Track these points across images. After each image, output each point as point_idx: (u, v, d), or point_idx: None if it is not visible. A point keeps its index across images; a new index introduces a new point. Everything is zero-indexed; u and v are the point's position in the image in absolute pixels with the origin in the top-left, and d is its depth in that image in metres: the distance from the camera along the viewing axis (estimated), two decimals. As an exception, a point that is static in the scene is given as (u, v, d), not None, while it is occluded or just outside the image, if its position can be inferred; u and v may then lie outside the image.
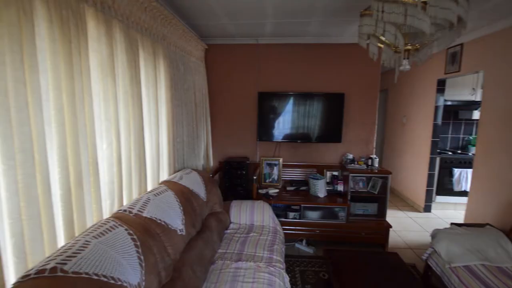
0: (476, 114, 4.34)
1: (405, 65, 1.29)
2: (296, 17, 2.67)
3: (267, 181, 3.58)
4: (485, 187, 2.97)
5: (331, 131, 3.44)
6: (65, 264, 0.94)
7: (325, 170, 3.49)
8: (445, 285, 2.01)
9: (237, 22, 2.86)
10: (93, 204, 1.39)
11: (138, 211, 1.53)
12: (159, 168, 2.14)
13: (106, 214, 1.50)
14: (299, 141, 3.50)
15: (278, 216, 3.05)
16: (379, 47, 1.32)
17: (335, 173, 3.44)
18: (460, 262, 1.99)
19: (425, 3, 1.01)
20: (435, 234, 2.28)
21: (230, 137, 3.69)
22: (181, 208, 1.87)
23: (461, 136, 4.88)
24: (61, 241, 1.19)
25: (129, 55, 1.64)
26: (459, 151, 4.66)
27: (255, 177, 3.08)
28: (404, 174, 4.79)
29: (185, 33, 2.67)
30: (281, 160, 3.57)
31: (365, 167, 3.17)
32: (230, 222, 2.65)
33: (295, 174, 3.66)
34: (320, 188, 3.14)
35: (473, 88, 4.24)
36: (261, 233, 2.44)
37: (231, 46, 3.54)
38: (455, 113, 4.78)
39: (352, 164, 3.22)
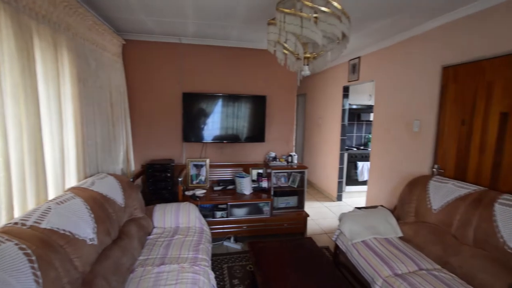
0: (372, 116, 5.22)
1: (306, 70, 1.49)
2: (218, 20, 2.74)
3: (194, 182, 3.54)
4: (379, 176, 3.60)
5: (256, 131, 3.63)
6: None
7: (250, 169, 3.66)
8: (349, 259, 2.37)
9: (156, 19, 2.76)
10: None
11: (35, 222, 1.33)
12: (64, 174, 1.90)
13: (-11, 230, 1.26)
14: (225, 141, 3.57)
15: (205, 216, 3.05)
16: (285, 54, 1.49)
17: (260, 171, 3.65)
18: (359, 238, 2.37)
19: (316, 18, 1.20)
20: (341, 217, 2.65)
21: (153, 139, 3.51)
22: (92, 216, 1.71)
23: (363, 134, 5.78)
24: None
25: (18, 42, 1.42)
26: (362, 147, 5.51)
27: (180, 179, 3.01)
28: (320, 169, 5.39)
29: (97, 25, 2.44)
30: (208, 160, 3.58)
31: (286, 163, 3.46)
32: (154, 227, 2.53)
33: (223, 174, 3.72)
34: (246, 186, 3.28)
35: (370, 95, 5.09)
36: (186, 234, 2.41)
37: (153, 44, 3.38)
38: (358, 115, 5.64)
39: (274, 162, 3.47)
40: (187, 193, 3.27)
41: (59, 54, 1.86)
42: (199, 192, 3.27)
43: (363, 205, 4.10)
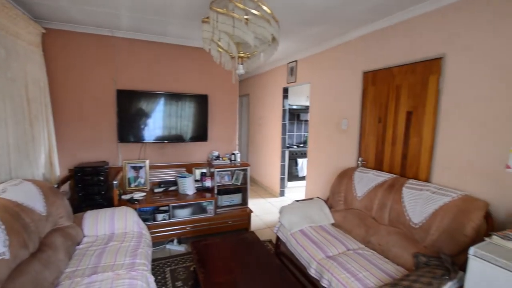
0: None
1: (240, 69, 1.56)
2: (155, 15, 2.64)
3: (132, 185, 3.33)
4: (315, 171, 3.91)
5: (198, 131, 3.58)
6: None
7: (193, 168, 3.61)
8: (288, 248, 2.53)
9: (81, 8, 2.51)
10: None
11: None
12: (-37, 181, 1.60)
13: None
14: (166, 141, 3.45)
15: (146, 220, 2.91)
16: (220, 52, 1.54)
17: (204, 170, 3.62)
18: (297, 228, 2.55)
19: (247, 19, 1.28)
20: (281, 210, 2.81)
21: (83, 139, 3.18)
22: (3, 227, 1.48)
23: (303, 133, 6.20)
24: None
25: None
26: (302, 145, 5.90)
27: (115, 182, 2.80)
28: (264, 166, 5.59)
29: (7, 8, 2.12)
30: (148, 161, 3.40)
31: (229, 162, 3.50)
32: (84, 236, 2.31)
33: (165, 175, 3.58)
34: (189, 186, 3.22)
35: (307, 96, 5.48)
36: (123, 240, 2.26)
37: (81, 35, 3.07)
38: (298, 115, 6.02)
39: (217, 161, 3.49)
40: (124, 197, 3.06)
41: (-47, 39, 1.56)
42: (138, 195, 3.09)
43: (303, 198, 4.41)
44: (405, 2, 2.25)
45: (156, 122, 3.37)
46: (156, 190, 3.30)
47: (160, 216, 3.01)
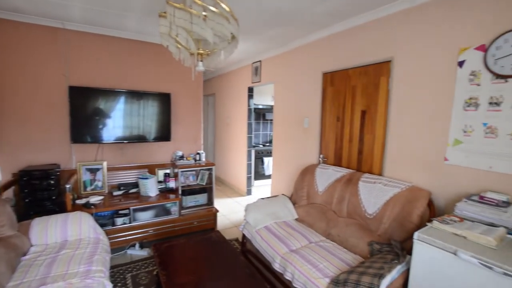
0: (275, 115, 5.76)
1: (200, 66, 1.55)
2: (111, 8, 2.50)
3: (88, 189, 3.11)
4: (280, 169, 4.01)
5: (162, 130, 3.46)
6: None
7: (156, 169, 3.48)
8: (254, 245, 2.56)
9: (26, -4, 2.30)
10: None
11: None
12: None
13: None
14: (126, 141, 3.28)
15: (104, 225, 2.75)
16: (178, 48, 1.51)
17: (167, 171, 3.51)
18: (261, 225, 2.59)
19: (206, 16, 1.27)
20: (247, 208, 2.83)
21: (29, 141, 2.90)
22: None
23: (268, 132, 6.30)
24: None
25: None
26: (268, 144, 6.00)
27: (68, 186, 2.60)
28: (230, 166, 5.58)
29: None
30: (105, 163, 3.21)
31: (194, 162, 3.44)
32: (31, 245, 2.11)
33: (125, 177, 3.40)
34: (151, 187, 3.10)
35: (272, 96, 5.59)
36: (77, 247, 2.11)
37: (25, 25, 2.79)
38: (264, 115, 6.11)
39: (182, 161, 3.41)
40: (79, 201, 2.85)
41: None
42: (95, 199, 2.90)
43: (269, 196, 4.49)
44: (358, 9, 2.41)
45: (116, 122, 3.19)
46: (115, 193, 3.13)
47: (120, 220, 2.86)
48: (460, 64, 1.90)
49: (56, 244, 2.16)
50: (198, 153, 3.52)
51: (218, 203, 4.52)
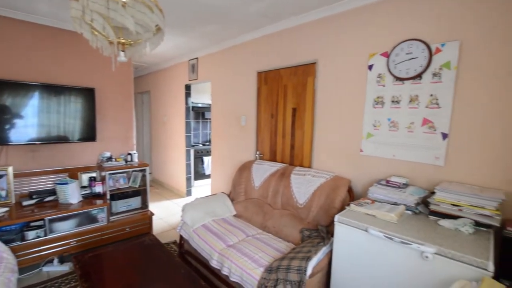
0: (214, 114, 5.72)
1: (121, 56, 1.45)
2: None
3: (-13, 200, 2.60)
4: (219, 167, 4.00)
5: (86, 129, 3.09)
6: None
7: (79, 173, 3.11)
8: (192, 245, 2.50)
9: None
10: None
11: None
12: None
13: None
14: (39, 143, 2.84)
15: (10, 241, 2.35)
16: (96, 35, 1.38)
17: (93, 174, 3.17)
18: (199, 224, 2.55)
19: (125, 2, 1.19)
20: (184, 208, 2.75)
21: None
22: None
23: (208, 131, 6.22)
24: None
25: None
26: (207, 143, 5.92)
27: (-44, 197, 2.13)
28: (168, 166, 5.33)
29: None
30: (10, 169, 2.72)
31: (124, 163, 3.18)
32: None
33: (40, 183, 2.95)
34: (72, 194, 2.76)
35: (211, 94, 5.53)
36: (-30, 270, 1.75)
37: None
38: (203, 114, 6.01)
39: (110, 162, 3.12)
40: (-27, 216, 2.36)
41: None
42: (-3, 212, 2.44)
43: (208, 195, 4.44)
44: (288, 11, 2.56)
45: (29, 120, 2.73)
46: (25, 203, 2.68)
47: (32, 234, 2.47)
48: (370, 67, 2.19)
49: None
50: (130, 154, 3.27)
51: (155, 206, 4.28)
